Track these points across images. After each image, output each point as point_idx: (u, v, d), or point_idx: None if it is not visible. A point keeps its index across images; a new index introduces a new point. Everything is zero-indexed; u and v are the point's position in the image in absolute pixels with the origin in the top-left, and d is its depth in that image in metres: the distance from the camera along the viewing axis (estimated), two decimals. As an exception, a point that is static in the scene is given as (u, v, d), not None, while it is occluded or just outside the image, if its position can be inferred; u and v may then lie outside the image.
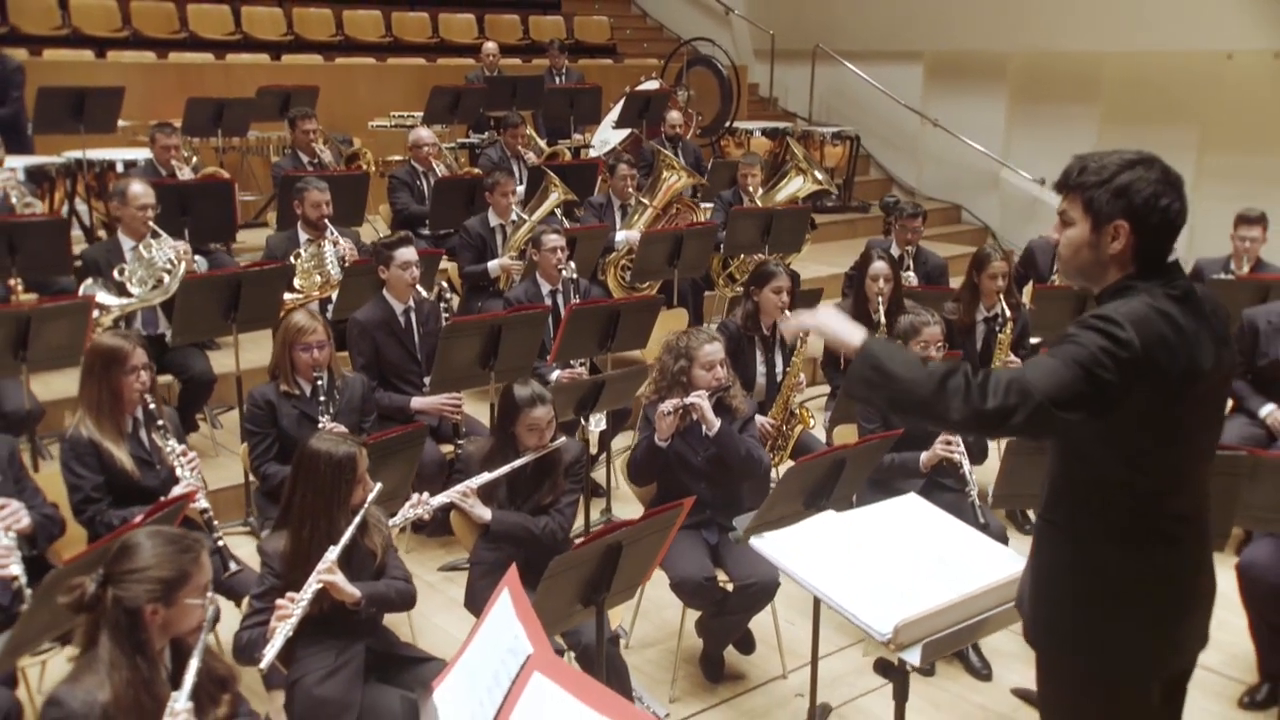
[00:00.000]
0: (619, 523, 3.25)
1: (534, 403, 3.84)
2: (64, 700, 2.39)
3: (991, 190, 11.68)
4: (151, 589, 2.46)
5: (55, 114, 7.72)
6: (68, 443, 3.91)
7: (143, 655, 2.46)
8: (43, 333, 4.99)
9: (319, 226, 6.29)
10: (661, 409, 4.10)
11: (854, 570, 2.93)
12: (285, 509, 3.34)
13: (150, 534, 2.55)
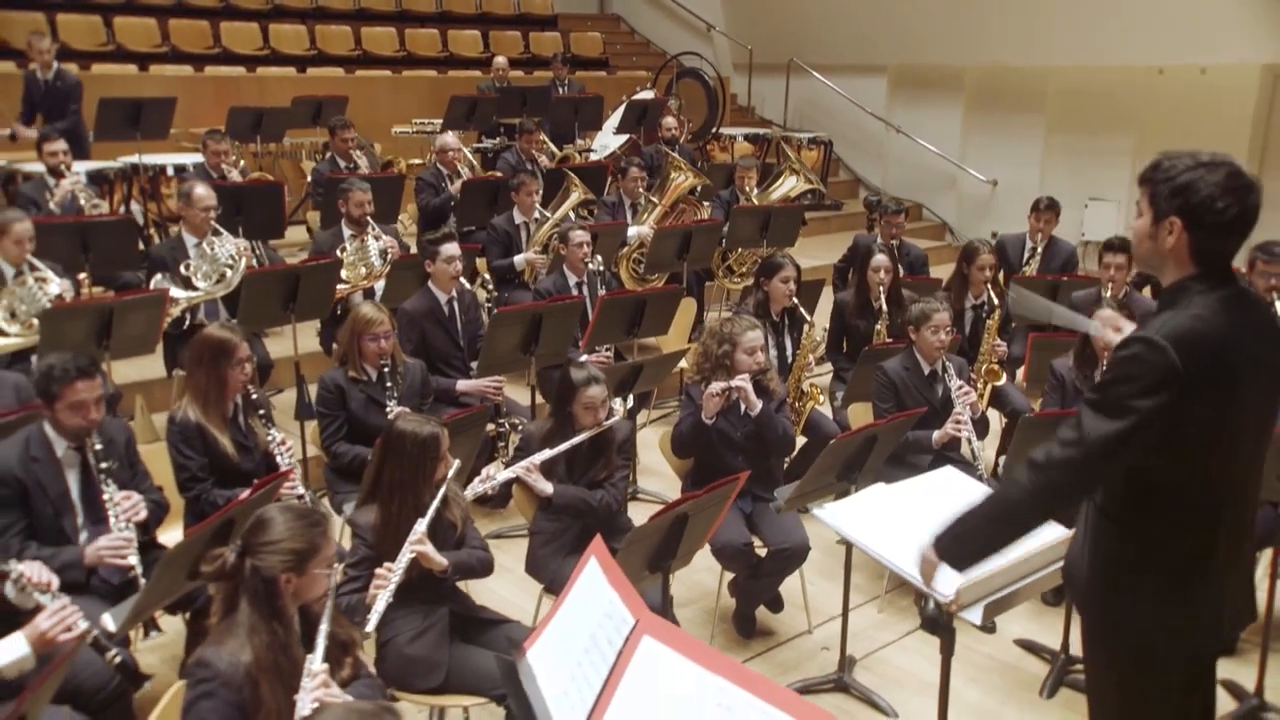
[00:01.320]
0: (686, 495, 3.19)
1: (589, 383, 3.76)
2: (211, 661, 2.32)
3: (949, 190, 11.66)
4: (286, 559, 2.40)
5: (114, 123, 7.56)
6: (176, 425, 3.81)
7: (279, 621, 2.40)
8: (123, 323, 4.88)
9: (361, 223, 6.20)
10: (709, 390, 4.03)
11: (911, 538, 2.87)
12: (374, 485, 3.26)
13: (281, 509, 2.48)
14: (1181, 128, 10.29)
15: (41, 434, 3.47)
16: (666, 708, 2.18)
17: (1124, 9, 9.77)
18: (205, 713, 2.29)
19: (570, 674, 2.57)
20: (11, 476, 3.33)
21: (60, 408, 3.38)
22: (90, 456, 3.46)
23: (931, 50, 11.43)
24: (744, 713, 2.09)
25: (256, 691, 2.32)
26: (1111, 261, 5.56)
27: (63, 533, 3.46)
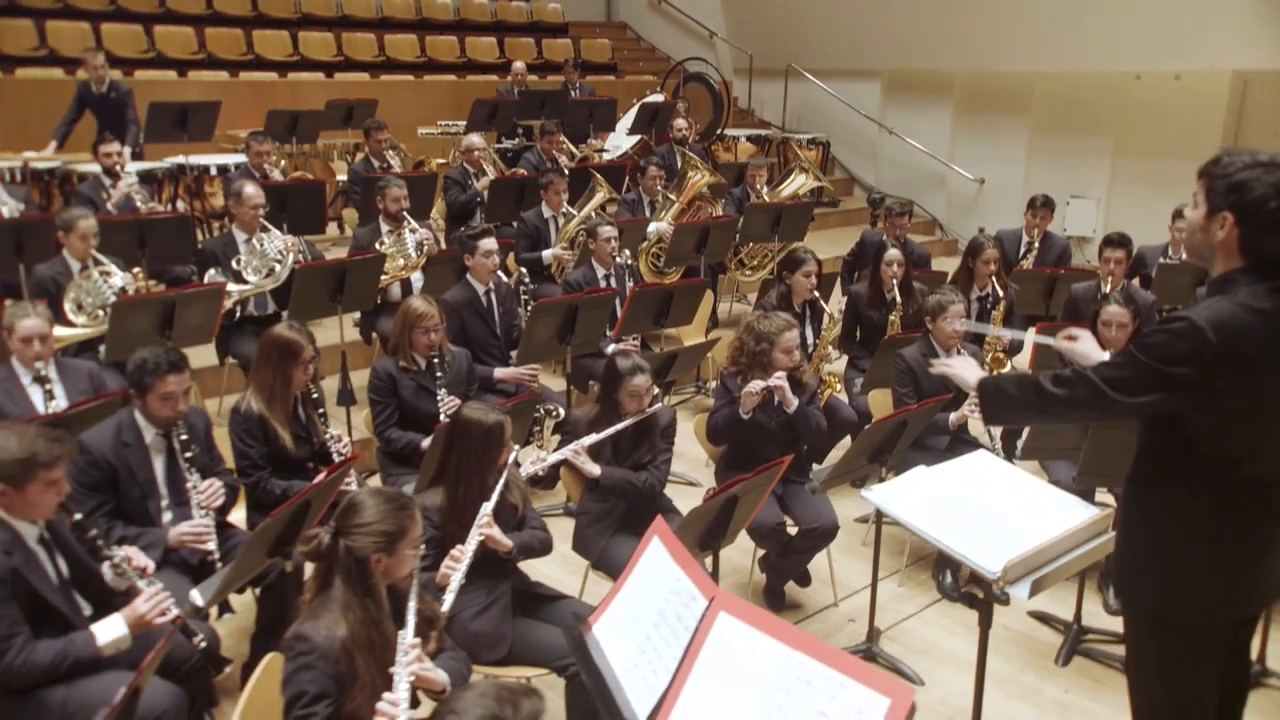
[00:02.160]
0: (736, 479, 3.15)
1: (635, 372, 3.72)
2: (309, 635, 2.28)
3: (939, 188, 11.60)
4: (377, 540, 2.36)
5: (163, 126, 7.50)
6: (240, 416, 3.78)
7: (371, 598, 2.37)
8: (184, 315, 4.84)
9: (398, 218, 6.14)
10: (749, 389, 3.97)
11: (954, 517, 2.85)
12: (440, 469, 3.22)
13: (371, 494, 2.44)
14: (1157, 130, 10.31)
15: (132, 421, 3.47)
16: (745, 681, 2.15)
17: (1103, 18, 9.74)
18: (304, 683, 2.25)
19: (639, 647, 2.54)
20: (105, 460, 3.34)
21: (151, 399, 3.40)
22: (175, 445, 3.47)
23: (922, 56, 11.36)
24: (823, 685, 2.06)
25: (352, 664, 2.29)
26: (1111, 256, 5.54)
27: (147, 514, 3.47)
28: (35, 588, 2.82)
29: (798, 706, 2.06)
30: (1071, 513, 2.95)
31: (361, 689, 2.29)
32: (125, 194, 6.40)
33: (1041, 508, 2.97)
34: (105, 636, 2.83)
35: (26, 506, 2.79)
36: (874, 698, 2.00)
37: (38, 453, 2.72)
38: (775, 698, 2.10)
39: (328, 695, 2.26)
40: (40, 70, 9.29)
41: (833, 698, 2.04)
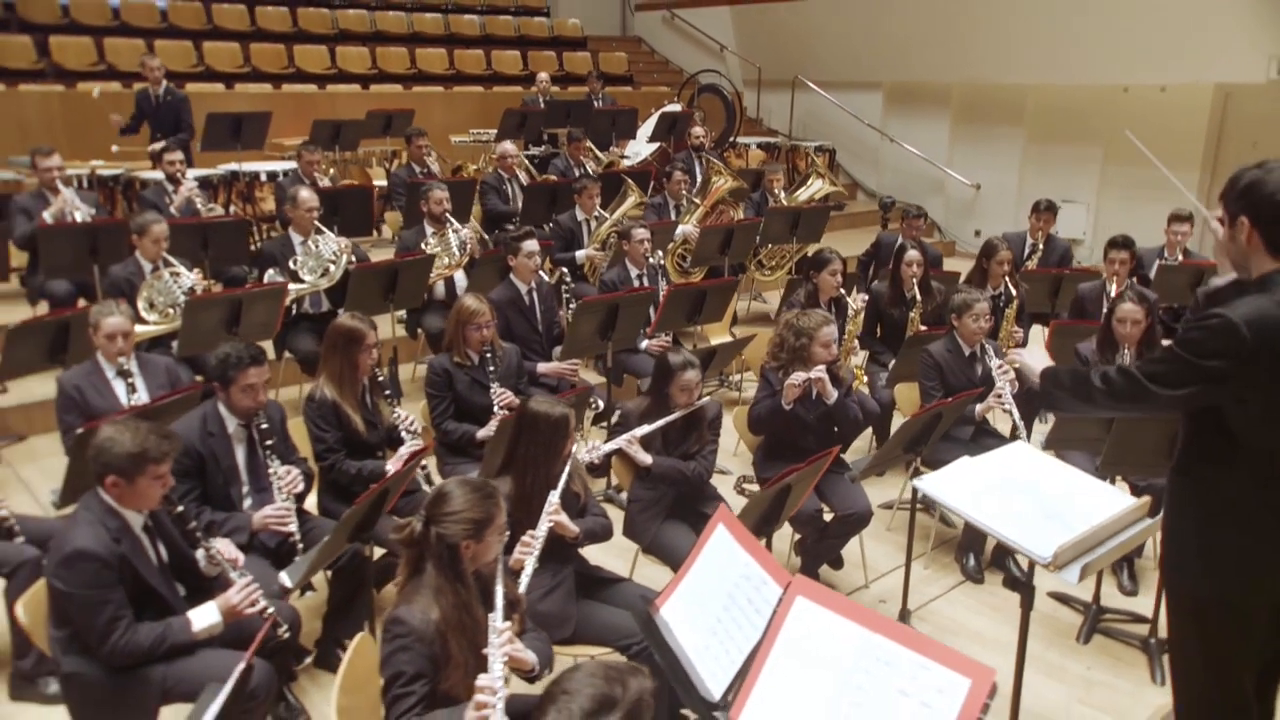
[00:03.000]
0: (790, 468, 3.12)
1: (686, 367, 3.67)
2: (406, 619, 2.26)
3: (937, 193, 11.54)
4: (466, 528, 2.33)
5: (219, 135, 7.48)
6: (315, 404, 3.76)
7: (461, 582, 2.34)
8: (250, 312, 4.83)
9: (441, 220, 6.11)
10: (790, 381, 3.92)
11: (1002, 505, 2.81)
12: (508, 459, 3.17)
13: (459, 483, 2.41)
14: (1143, 139, 10.06)
15: (216, 412, 3.48)
16: (824, 663, 2.11)
17: (1093, 34, 9.70)
18: (402, 664, 2.23)
19: (710, 629, 2.51)
20: (193, 449, 3.34)
21: (234, 390, 3.41)
22: (255, 434, 3.46)
23: (922, 69, 11.30)
24: (903, 666, 2.03)
25: (446, 646, 2.26)
26: (1116, 257, 5.51)
27: (230, 499, 3.47)
28: (140, 573, 2.81)
29: (878, 687, 2.03)
30: (1111, 500, 2.92)
31: (455, 669, 2.26)
32: (187, 198, 6.36)
33: (1081, 495, 2.93)
34: (200, 623, 2.82)
35: (135, 497, 2.79)
36: (955, 679, 1.97)
37: (149, 449, 2.73)
38: (855, 678, 2.06)
39: (424, 675, 2.24)
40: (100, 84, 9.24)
41: (913, 678, 2.01)
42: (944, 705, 1.95)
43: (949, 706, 1.94)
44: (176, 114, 7.84)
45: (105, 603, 2.70)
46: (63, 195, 5.77)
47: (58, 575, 2.71)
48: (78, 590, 2.69)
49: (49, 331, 4.40)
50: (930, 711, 1.96)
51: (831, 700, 2.06)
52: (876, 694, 2.02)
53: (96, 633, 2.70)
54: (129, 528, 2.82)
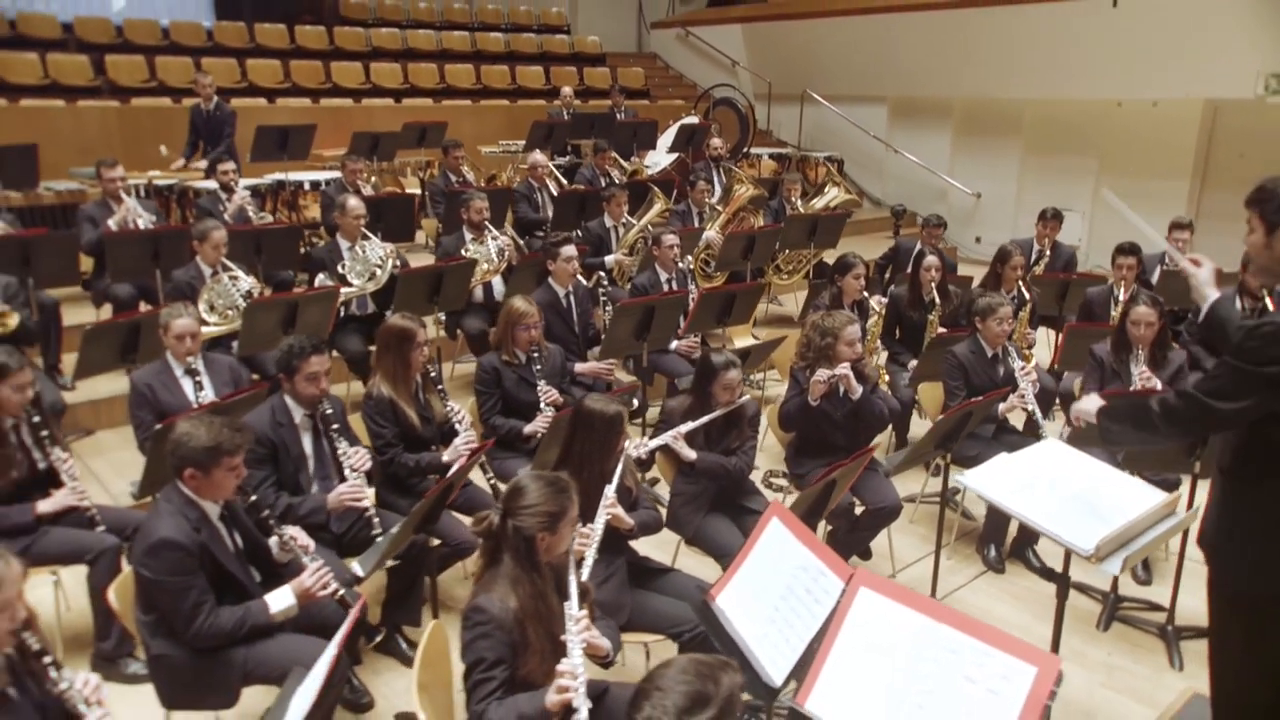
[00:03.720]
0: (835, 464, 3.09)
1: (729, 367, 3.64)
2: (486, 607, 2.24)
3: (940, 201, 11.46)
4: (541, 520, 2.31)
5: (267, 146, 7.46)
6: (372, 401, 3.75)
7: (537, 572, 2.31)
8: (305, 313, 4.82)
9: (480, 227, 6.08)
10: (816, 378, 3.90)
11: (1041, 499, 2.78)
12: (564, 455, 3.15)
13: (533, 478, 2.39)
14: (1136, 151, 10.21)
15: (283, 403, 3.49)
16: (889, 651, 2.09)
17: (1088, 51, 9.66)
18: (483, 650, 2.21)
19: (768, 618, 2.49)
20: (266, 438, 3.37)
21: (299, 379, 3.42)
22: (319, 422, 3.48)
23: (925, 84, 11.25)
24: (968, 654, 2.01)
25: (524, 633, 2.24)
26: (1124, 262, 5.48)
27: (300, 485, 3.48)
28: (219, 559, 2.81)
29: (943, 674, 2.01)
30: (1143, 495, 2.89)
31: (533, 655, 2.24)
32: (239, 206, 6.36)
33: (1114, 490, 2.91)
34: (277, 605, 2.82)
35: (212, 488, 2.78)
36: (1020, 666, 1.95)
37: (223, 441, 2.73)
38: (920, 666, 2.04)
39: (504, 661, 2.22)
40: (151, 99, 9.28)
41: (979, 666, 1.99)
42: (1011, 692, 1.93)
43: (1016, 693, 1.92)
44: (221, 127, 7.83)
45: (189, 588, 2.70)
46: (126, 204, 5.77)
47: (144, 564, 2.70)
48: (163, 577, 2.69)
49: (121, 333, 4.39)
50: (997, 698, 1.94)
51: (899, 687, 2.04)
52: (943, 681, 2.00)
53: (182, 617, 2.70)
54: (207, 517, 2.83)
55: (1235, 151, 9.88)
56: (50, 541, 3.37)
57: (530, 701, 2.14)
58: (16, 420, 3.41)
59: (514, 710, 2.14)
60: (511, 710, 2.14)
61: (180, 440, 2.74)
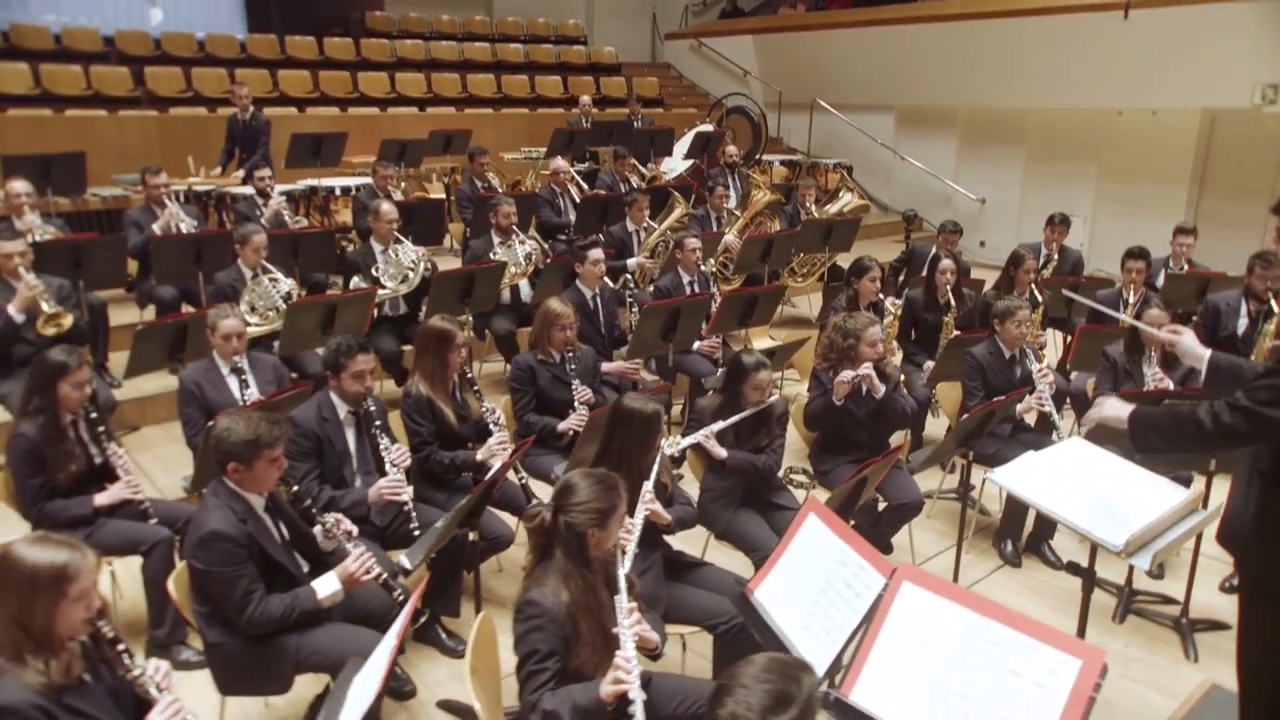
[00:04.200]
0: (867, 461, 3.07)
1: (760, 368, 3.62)
2: (539, 600, 2.23)
3: (944, 206, 11.39)
4: (592, 516, 2.29)
5: (301, 153, 7.47)
6: (411, 399, 3.73)
7: (588, 567, 2.30)
8: (343, 315, 4.81)
9: (508, 231, 6.07)
10: (840, 379, 3.88)
11: (1070, 497, 2.76)
12: (603, 453, 3.13)
13: (583, 475, 2.37)
14: (1136, 158, 10.16)
15: (329, 400, 3.50)
16: (934, 644, 2.07)
17: (1089, 62, 9.62)
18: (536, 642, 2.20)
19: (808, 611, 2.47)
20: (311, 432, 3.39)
21: (345, 377, 3.43)
22: (363, 418, 3.50)
23: (930, 93, 11.20)
24: (1014, 647, 1.99)
25: (576, 625, 2.23)
26: (1133, 266, 5.46)
27: (343, 479, 3.49)
28: (266, 549, 2.82)
29: (989, 666, 1.99)
30: (1166, 492, 2.86)
31: (584, 647, 2.23)
32: (275, 211, 6.36)
33: (1137, 488, 2.88)
34: (323, 591, 2.83)
35: (255, 481, 2.79)
36: (1066, 659, 1.93)
37: (262, 435, 2.73)
38: (966, 659, 2.02)
39: (556, 653, 2.21)
40: (188, 109, 9.31)
41: (1025, 659, 1.97)
42: (1056, 684, 1.91)
43: (1061, 685, 1.91)
44: (256, 136, 7.84)
45: (239, 578, 2.71)
46: (169, 209, 5.78)
47: (195, 556, 2.71)
48: (214, 568, 2.69)
49: (169, 333, 4.40)
50: (1043, 690, 1.92)
51: (943, 679, 2.02)
52: (988, 674, 1.98)
53: (234, 605, 2.70)
54: (253, 509, 2.83)
55: (1233, 159, 9.82)
56: (107, 533, 3.38)
57: (584, 692, 2.13)
58: (75, 417, 3.42)
59: (568, 700, 2.13)
60: (566, 700, 2.13)
61: (221, 436, 2.75)
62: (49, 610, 1.99)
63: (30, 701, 1.94)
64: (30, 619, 1.97)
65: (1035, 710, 1.90)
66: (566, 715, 2.11)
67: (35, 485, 3.31)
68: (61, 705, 2.00)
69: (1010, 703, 1.93)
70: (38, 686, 1.97)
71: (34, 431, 3.31)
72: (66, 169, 6.40)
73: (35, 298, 4.30)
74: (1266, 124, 9.40)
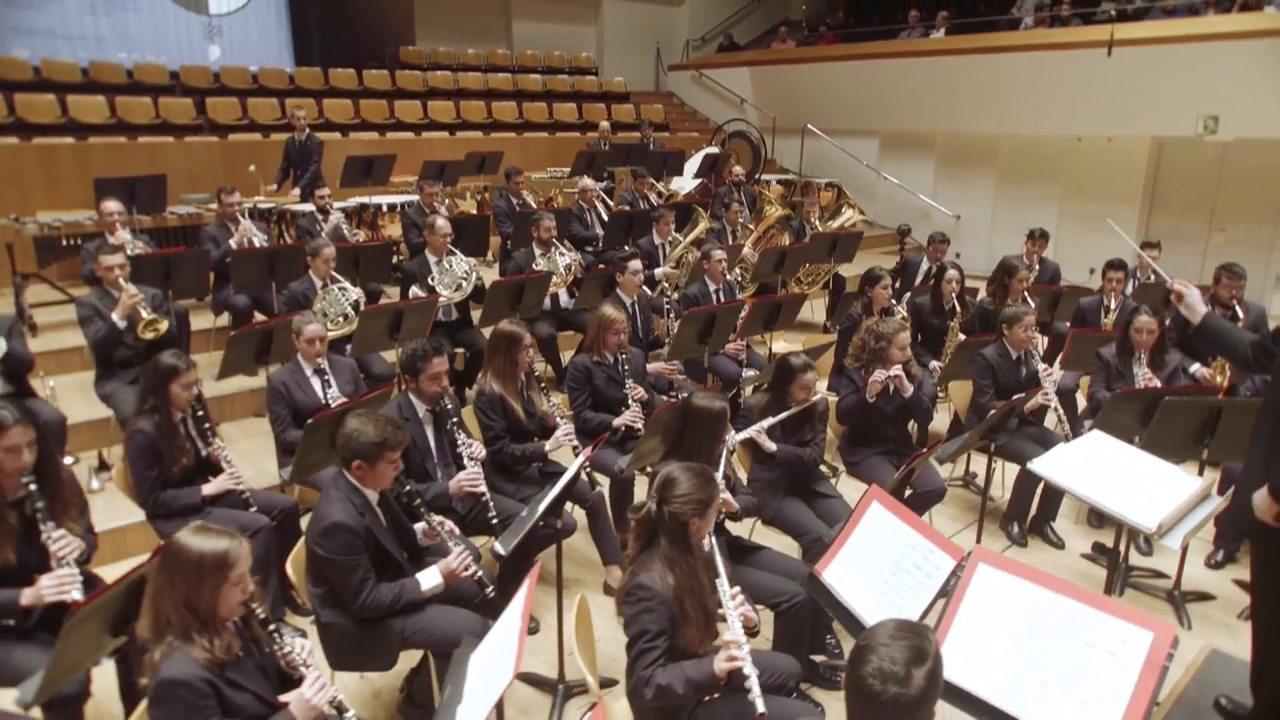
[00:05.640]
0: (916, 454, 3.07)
1: (806, 369, 3.60)
2: (648, 584, 2.21)
3: (924, 222, 11.39)
4: (694, 507, 2.27)
5: (354, 174, 7.43)
6: (484, 397, 3.71)
7: (690, 553, 2.28)
8: (408, 320, 4.76)
9: (549, 244, 6.04)
10: (873, 379, 3.88)
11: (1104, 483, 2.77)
12: (674, 448, 3.11)
13: (683, 469, 2.34)
14: (1093, 180, 10.25)
15: (408, 401, 3.48)
16: (1011, 619, 2.07)
17: (1054, 94, 9.72)
18: (647, 623, 2.18)
19: (879, 590, 2.46)
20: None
21: (423, 379, 3.42)
22: (440, 417, 3.48)
23: (911, 120, 11.24)
24: (1087, 621, 1.98)
25: (682, 606, 2.21)
26: (1113, 276, 5.49)
27: (426, 472, 3.47)
28: (380, 541, 2.78)
29: (1065, 639, 1.99)
30: (1182, 480, 2.88)
31: (690, 627, 2.21)
32: (335, 226, 6.31)
33: (1156, 476, 2.90)
34: (427, 584, 2.82)
35: (375, 478, 2.77)
36: (1138, 632, 1.93)
37: (388, 438, 2.71)
38: (1043, 633, 2.02)
39: (665, 632, 2.19)
40: (245, 135, 9.24)
41: (1098, 632, 1.96)
42: (1129, 655, 1.91)
43: (1134, 656, 1.91)
44: (308, 156, 7.79)
45: (356, 566, 2.68)
46: (243, 225, 5.72)
47: (319, 543, 2.68)
48: (335, 556, 2.66)
49: (256, 338, 4.36)
50: (1116, 660, 1.92)
51: (1021, 652, 2.02)
52: (1065, 645, 1.98)
53: (350, 591, 2.68)
54: (370, 504, 2.81)
55: (1178, 181, 9.94)
56: (214, 520, 3.31)
57: (696, 668, 2.11)
58: (184, 414, 3.39)
59: (681, 675, 2.12)
60: (679, 675, 2.12)
61: (351, 435, 2.72)
62: (214, 593, 1.97)
63: (199, 675, 1.92)
64: (198, 601, 1.95)
65: (1111, 678, 1.90)
66: (680, 688, 2.09)
67: (151, 477, 3.28)
68: (224, 679, 1.98)
69: (1086, 671, 1.93)
70: (204, 662, 1.95)
71: (150, 428, 3.28)
72: (149, 189, 6.33)
73: (135, 305, 4.25)
74: (1207, 151, 9.52)
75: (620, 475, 3.87)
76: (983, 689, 1.97)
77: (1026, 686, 1.96)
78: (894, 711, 1.47)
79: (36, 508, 2.50)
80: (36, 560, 2.56)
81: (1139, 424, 3.79)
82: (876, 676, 1.47)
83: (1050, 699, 1.92)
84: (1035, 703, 1.92)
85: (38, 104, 8.49)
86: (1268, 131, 8.44)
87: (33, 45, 9.47)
